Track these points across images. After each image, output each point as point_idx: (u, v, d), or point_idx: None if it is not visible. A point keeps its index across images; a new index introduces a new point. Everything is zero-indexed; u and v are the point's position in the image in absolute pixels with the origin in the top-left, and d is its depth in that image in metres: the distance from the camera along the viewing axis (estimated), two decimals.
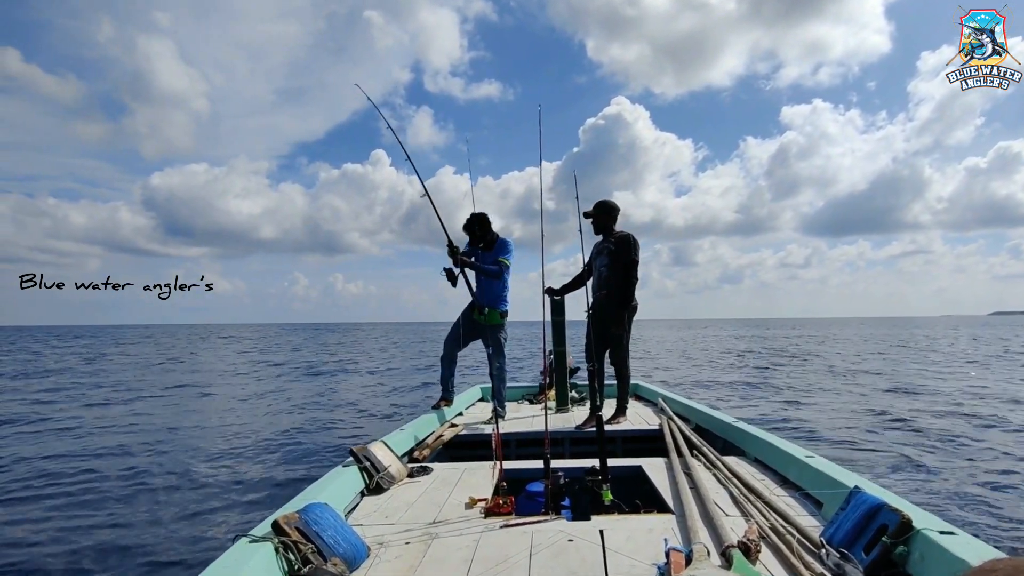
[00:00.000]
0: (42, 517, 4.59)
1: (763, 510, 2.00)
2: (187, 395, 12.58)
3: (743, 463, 2.76)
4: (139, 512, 4.74)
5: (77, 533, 4.22)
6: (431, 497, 2.41)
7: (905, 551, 1.47)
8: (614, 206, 4.17)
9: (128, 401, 11.62)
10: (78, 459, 6.65)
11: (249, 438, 7.84)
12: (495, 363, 4.24)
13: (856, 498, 1.70)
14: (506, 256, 4.25)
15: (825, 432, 7.29)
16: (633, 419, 4.15)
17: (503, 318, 4.31)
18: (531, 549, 1.77)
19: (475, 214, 4.35)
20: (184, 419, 9.39)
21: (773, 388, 12.14)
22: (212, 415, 9.91)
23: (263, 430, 8.34)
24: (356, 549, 1.71)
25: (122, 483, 5.75)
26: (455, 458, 3.60)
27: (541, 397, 5.34)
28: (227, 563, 1.43)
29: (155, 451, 7.16)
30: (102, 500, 5.14)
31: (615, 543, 1.79)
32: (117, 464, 6.43)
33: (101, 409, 10.56)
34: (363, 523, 2.09)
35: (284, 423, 8.95)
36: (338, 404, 10.90)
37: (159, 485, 5.74)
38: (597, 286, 4.13)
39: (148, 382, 15.34)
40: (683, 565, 1.53)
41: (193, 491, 5.40)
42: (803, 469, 2.30)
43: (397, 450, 2.91)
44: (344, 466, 2.51)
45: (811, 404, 9.77)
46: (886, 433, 7.20)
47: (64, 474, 5.99)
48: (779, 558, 1.64)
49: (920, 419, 8.05)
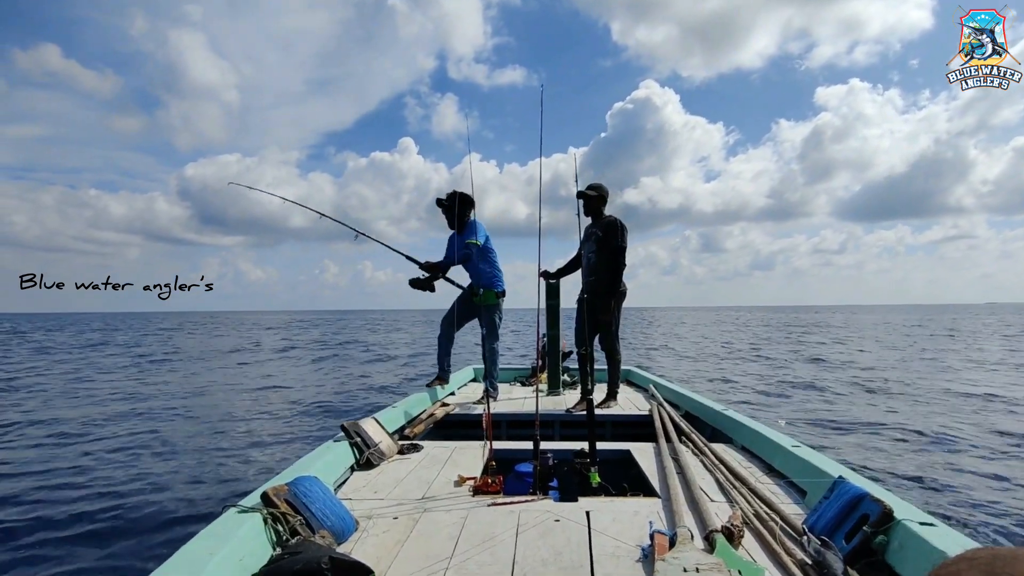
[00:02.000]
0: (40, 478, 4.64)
1: (748, 497, 2.03)
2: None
3: (730, 450, 2.79)
4: (132, 476, 4.80)
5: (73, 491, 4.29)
6: (420, 474, 2.43)
7: (885, 540, 1.50)
8: (606, 190, 4.15)
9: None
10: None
11: (261, 412, 8.08)
12: (487, 344, 4.25)
13: (840, 488, 1.73)
14: (473, 237, 4.16)
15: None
16: (624, 404, 4.19)
17: (498, 298, 4.30)
18: (518, 528, 1.79)
19: (451, 193, 4.22)
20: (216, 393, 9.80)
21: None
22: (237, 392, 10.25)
23: (272, 407, 8.53)
24: (344, 522, 1.72)
25: (129, 446, 5.88)
26: (446, 437, 3.62)
27: (533, 379, 5.37)
28: (215, 532, 1.44)
29: (182, 415, 7.60)
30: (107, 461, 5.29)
31: (601, 524, 1.81)
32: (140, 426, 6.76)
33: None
34: (352, 497, 2.11)
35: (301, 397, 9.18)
36: (362, 386, 11.05)
37: (165, 448, 5.87)
38: (587, 272, 4.13)
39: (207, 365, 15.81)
40: (667, 547, 1.56)
41: (189, 455, 5.50)
42: (789, 458, 2.33)
43: (388, 427, 2.93)
44: (335, 441, 2.52)
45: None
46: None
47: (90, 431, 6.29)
48: (761, 543, 1.67)
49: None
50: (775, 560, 1.55)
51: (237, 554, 1.38)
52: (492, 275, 4.30)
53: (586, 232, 4.17)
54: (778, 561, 1.54)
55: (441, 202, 4.22)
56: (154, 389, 10.49)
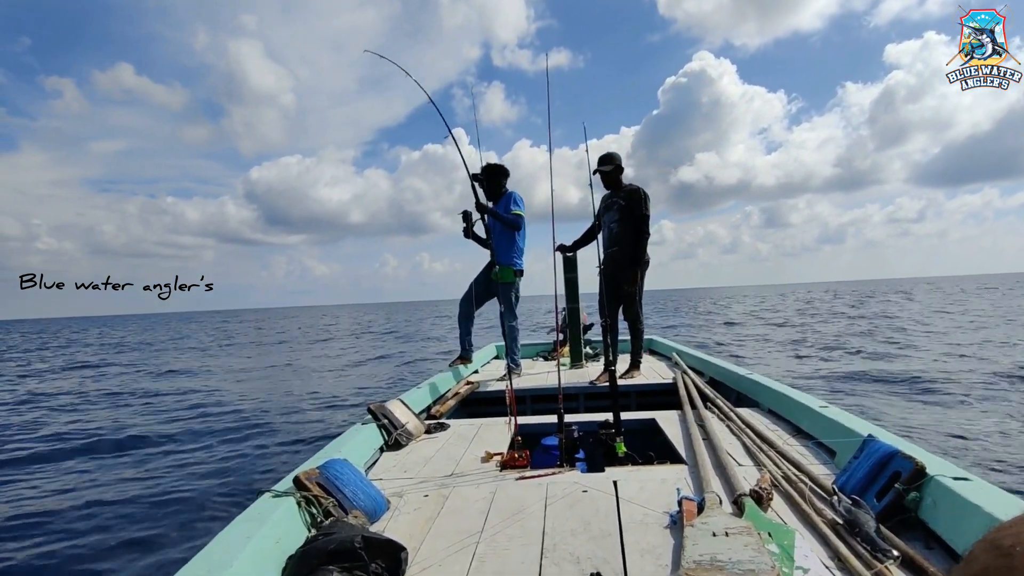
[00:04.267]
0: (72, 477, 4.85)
1: (776, 459, 2.02)
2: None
3: (757, 414, 2.77)
4: (171, 463, 5.00)
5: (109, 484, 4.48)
6: (448, 452, 2.47)
7: (917, 497, 1.48)
8: (619, 158, 4.07)
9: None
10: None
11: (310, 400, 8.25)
12: (506, 321, 4.26)
13: (869, 446, 1.70)
14: (519, 207, 4.21)
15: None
16: (647, 373, 4.18)
17: (516, 276, 4.30)
18: (546, 500, 1.81)
19: (490, 164, 4.28)
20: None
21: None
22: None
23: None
24: (376, 502, 1.76)
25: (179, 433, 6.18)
26: (471, 415, 3.67)
27: (555, 354, 5.39)
28: (251, 516, 1.49)
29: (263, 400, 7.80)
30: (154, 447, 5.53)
31: (628, 493, 1.82)
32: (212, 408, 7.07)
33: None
34: (382, 478, 2.15)
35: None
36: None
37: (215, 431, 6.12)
38: (608, 242, 4.07)
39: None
40: (695, 513, 1.56)
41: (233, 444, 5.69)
42: (816, 419, 2.31)
43: (414, 408, 2.97)
44: (363, 424, 2.57)
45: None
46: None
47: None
48: (791, 505, 1.66)
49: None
50: (805, 521, 1.54)
51: (273, 536, 1.42)
52: (513, 252, 4.29)
53: (606, 202, 4.10)
54: (808, 522, 1.53)
55: (477, 176, 4.09)
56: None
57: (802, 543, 1.41)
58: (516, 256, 4.31)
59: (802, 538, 1.44)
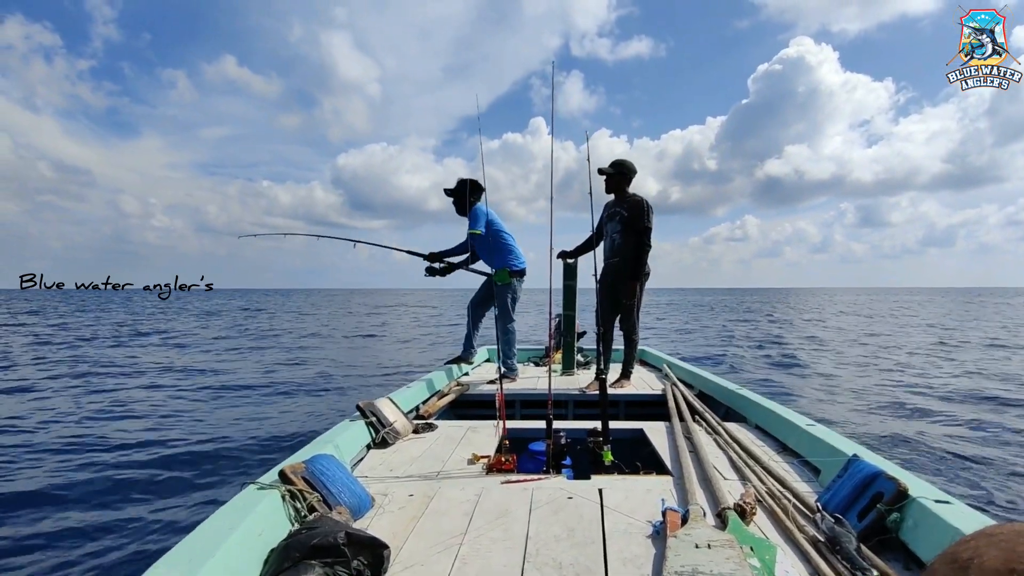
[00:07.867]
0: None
1: (761, 475, 2.03)
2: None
3: (744, 429, 2.78)
4: (159, 450, 4.95)
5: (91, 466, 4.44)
6: (435, 452, 2.47)
7: (899, 518, 1.49)
8: (632, 167, 4.04)
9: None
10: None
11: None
12: (499, 324, 4.26)
13: (854, 466, 1.72)
14: (473, 227, 4.18)
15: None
16: (637, 384, 4.19)
17: (512, 277, 4.29)
18: (531, 504, 1.81)
19: (460, 181, 4.27)
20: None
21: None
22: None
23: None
24: (360, 499, 1.76)
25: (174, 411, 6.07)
26: (460, 416, 3.66)
27: (547, 360, 5.39)
28: (235, 507, 1.48)
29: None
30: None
31: (613, 502, 1.82)
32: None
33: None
34: (368, 475, 2.15)
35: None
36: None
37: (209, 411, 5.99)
38: (609, 252, 4.08)
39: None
40: (679, 524, 1.57)
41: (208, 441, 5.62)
42: (803, 436, 2.32)
43: (403, 407, 2.97)
44: (351, 420, 2.56)
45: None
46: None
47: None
48: (774, 521, 1.67)
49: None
50: (787, 537, 1.55)
51: (256, 529, 1.42)
52: (505, 255, 4.30)
53: (609, 210, 4.10)
54: (790, 538, 1.54)
55: (448, 191, 4.27)
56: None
57: (783, 559, 1.42)
58: (509, 257, 4.30)
59: (784, 554, 1.45)
